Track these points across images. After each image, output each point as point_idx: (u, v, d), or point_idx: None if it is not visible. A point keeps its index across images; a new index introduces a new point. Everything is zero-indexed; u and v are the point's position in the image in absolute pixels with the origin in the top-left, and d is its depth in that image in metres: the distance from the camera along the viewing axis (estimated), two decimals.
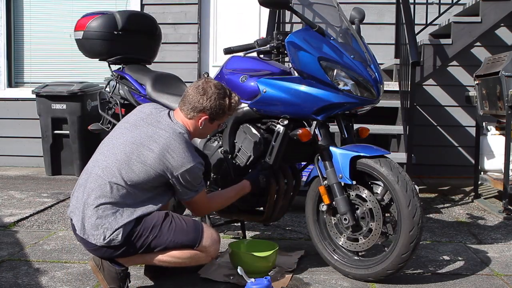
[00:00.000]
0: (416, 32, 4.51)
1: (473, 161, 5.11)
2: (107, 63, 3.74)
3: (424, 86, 5.74)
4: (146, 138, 2.57)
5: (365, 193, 2.77)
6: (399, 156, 4.25)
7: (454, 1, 5.23)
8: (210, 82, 2.69)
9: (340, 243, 2.90)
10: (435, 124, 5.85)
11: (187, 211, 3.68)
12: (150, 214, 2.55)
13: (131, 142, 2.57)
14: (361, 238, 2.81)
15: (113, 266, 2.55)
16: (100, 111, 3.71)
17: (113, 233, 2.47)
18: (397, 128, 4.65)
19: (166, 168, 2.53)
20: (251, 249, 2.95)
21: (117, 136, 2.66)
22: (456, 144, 5.84)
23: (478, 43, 5.60)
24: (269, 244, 2.99)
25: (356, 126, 3.02)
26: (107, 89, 3.68)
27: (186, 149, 2.55)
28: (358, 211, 2.78)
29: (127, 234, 2.49)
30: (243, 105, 3.00)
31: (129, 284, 2.63)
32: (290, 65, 2.91)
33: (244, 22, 6.05)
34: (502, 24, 5.57)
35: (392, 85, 4.91)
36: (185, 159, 2.53)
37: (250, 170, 3.00)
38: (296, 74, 2.86)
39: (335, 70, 2.77)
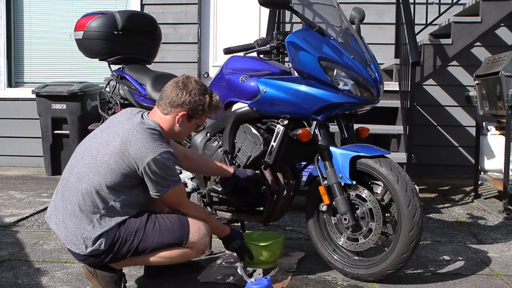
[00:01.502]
0: (416, 32, 4.51)
1: (473, 161, 5.11)
2: (107, 63, 3.74)
3: (424, 86, 5.74)
4: (110, 136, 2.46)
5: (365, 193, 2.77)
6: (399, 156, 4.25)
7: (454, 1, 5.23)
8: (190, 78, 2.58)
9: (340, 243, 2.90)
10: (435, 124, 5.85)
11: None
12: (130, 218, 2.48)
13: (98, 143, 2.49)
14: (361, 238, 2.81)
15: (105, 271, 2.53)
16: (100, 111, 3.71)
17: (94, 242, 2.42)
18: (397, 128, 4.65)
19: (129, 162, 2.40)
20: (258, 240, 2.93)
21: (89, 139, 2.58)
22: (456, 144, 5.84)
23: (478, 43, 5.60)
24: (277, 236, 2.97)
25: (356, 126, 3.02)
26: (107, 89, 3.68)
27: (148, 139, 2.40)
28: (358, 211, 2.78)
29: (110, 241, 2.43)
30: (243, 105, 3.00)
31: (126, 285, 2.62)
32: (290, 65, 2.91)
33: (244, 22, 6.05)
34: (502, 24, 5.57)
35: (392, 85, 4.91)
36: (148, 149, 2.39)
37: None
38: (296, 74, 2.86)
39: (335, 70, 2.77)
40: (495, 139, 4.64)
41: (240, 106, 3.01)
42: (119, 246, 2.46)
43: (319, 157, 2.86)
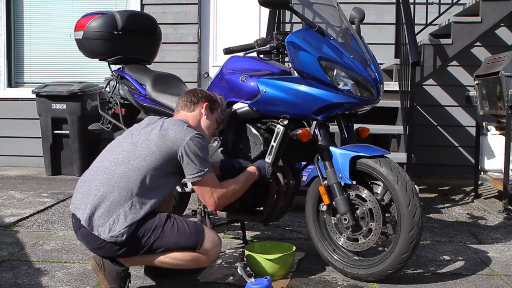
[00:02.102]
0: (416, 32, 4.51)
1: (473, 161, 5.11)
2: (107, 63, 3.74)
3: (424, 86, 5.74)
4: (148, 129, 2.65)
5: (365, 193, 2.77)
6: (399, 156, 4.25)
7: (454, 1, 5.23)
8: (193, 88, 2.92)
9: (340, 243, 2.90)
10: (435, 124, 5.85)
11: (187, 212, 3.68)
12: (154, 212, 2.55)
13: (136, 135, 2.65)
14: (361, 238, 2.81)
15: (113, 265, 2.55)
16: (100, 111, 3.71)
17: (119, 230, 2.47)
18: (397, 128, 4.65)
19: (170, 144, 2.55)
20: (268, 251, 2.94)
21: (124, 135, 2.73)
22: (456, 144, 5.84)
23: (478, 43, 5.60)
24: (288, 247, 2.97)
25: (356, 126, 3.02)
26: (107, 89, 3.68)
27: (183, 125, 2.63)
28: (358, 211, 2.78)
29: (131, 233, 2.49)
30: (243, 105, 3.00)
31: (129, 284, 2.63)
32: (290, 65, 2.91)
33: (244, 22, 6.05)
34: (502, 24, 5.57)
35: (392, 85, 4.91)
36: (186, 131, 2.59)
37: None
38: (296, 74, 2.86)
39: (335, 70, 2.77)
40: (495, 139, 4.64)
41: (240, 106, 3.01)
42: (136, 240, 2.51)
43: (319, 157, 2.86)
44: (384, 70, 5.24)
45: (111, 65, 3.74)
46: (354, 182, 2.77)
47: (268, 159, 2.90)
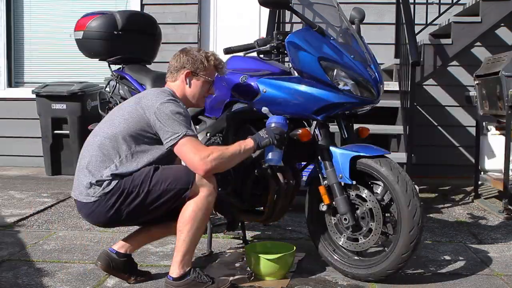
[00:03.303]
0: (416, 32, 4.51)
1: (473, 161, 5.11)
2: (107, 63, 3.74)
3: (424, 86, 5.74)
4: (127, 101, 2.73)
5: (365, 193, 2.77)
6: (399, 156, 4.25)
7: (454, 1, 5.23)
8: (187, 48, 2.80)
9: (340, 243, 2.90)
10: (435, 124, 5.85)
11: None
12: (135, 172, 2.54)
13: (117, 108, 2.72)
14: (361, 238, 2.81)
15: (185, 280, 2.56)
16: (100, 111, 3.71)
17: (100, 184, 2.50)
18: (397, 128, 4.65)
19: (141, 111, 2.55)
20: (268, 251, 2.93)
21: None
22: (456, 144, 5.84)
23: (478, 43, 5.60)
24: (288, 247, 2.97)
25: (356, 126, 3.02)
26: (107, 89, 3.68)
27: (159, 93, 2.61)
28: (358, 211, 2.78)
29: (114, 186, 2.50)
30: (243, 105, 3.00)
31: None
32: (290, 65, 2.91)
33: (244, 22, 6.05)
34: (502, 24, 5.57)
35: (392, 85, 4.90)
36: (159, 97, 2.57)
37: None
38: (296, 74, 2.86)
39: (335, 70, 2.77)
40: (495, 139, 4.64)
41: (240, 106, 3.01)
42: (126, 196, 2.50)
43: (319, 157, 2.86)
44: (384, 70, 5.24)
45: (111, 65, 3.73)
46: (354, 182, 2.77)
47: None
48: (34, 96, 5.73)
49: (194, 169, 2.50)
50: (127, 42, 3.63)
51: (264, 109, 2.79)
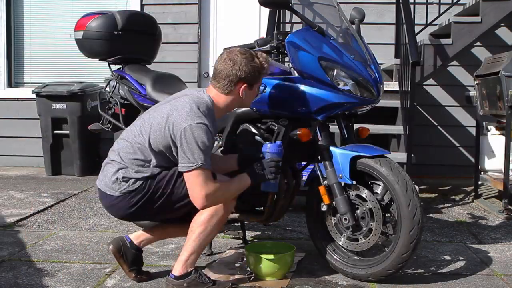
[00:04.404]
0: (416, 32, 4.51)
1: (473, 161, 5.11)
2: (107, 63, 3.74)
3: (424, 86, 5.74)
4: (164, 104, 2.65)
5: (365, 193, 2.77)
6: (399, 156, 4.25)
7: (454, 1, 5.23)
8: (233, 51, 2.65)
9: (340, 243, 2.90)
10: (435, 124, 5.85)
11: None
12: (160, 173, 2.60)
13: (153, 109, 2.70)
14: (361, 238, 2.81)
15: (186, 279, 2.58)
16: (100, 111, 3.70)
17: (126, 181, 2.57)
18: (397, 128, 4.65)
19: (169, 129, 2.52)
20: (268, 251, 2.93)
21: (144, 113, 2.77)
22: (456, 144, 5.84)
23: (478, 43, 5.60)
24: (289, 247, 2.97)
25: (356, 126, 3.02)
26: (107, 89, 3.67)
27: (193, 109, 2.51)
28: (358, 211, 2.78)
29: (141, 185, 2.56)
30: None
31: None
32: (290, 65, 2.91)
33: (244, 22, 6.05)
34: (502, 24, 5.57)
35: (392, 85, 4.90)
36: (189, 116, 2.49)
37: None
38: (296, 74, 2.86)
39: (335, 70, 2.77)
40: (495, 139, 4.64)
41: None
42: (150, 197, 2.56)
43: (319, 157, 2.86)
44: (384, 70, 5.24)
45: (111, 65, 3.73)
46: (354, 182, 2.77)
47: None
48: (34, 96, 5.73)
49: (193, 200, 2.53)
50: (127, 42, 3.63)
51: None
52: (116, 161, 2.62)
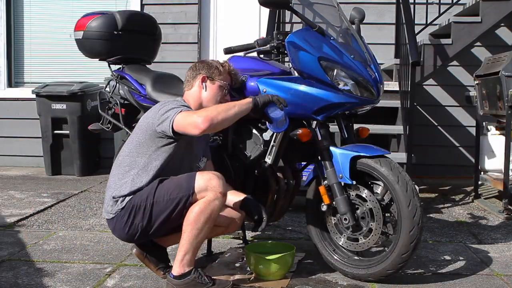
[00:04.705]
0: (416, 32, 4.50)
1: (473, 161, 5.11)
2: (107, 63, 3.74)
3: (424, 86, 5.74)
4: (142, 118, 2.75)
5: (365, 193, 2.77)
6: (399, 156, 4.25)
7: (454, 1, 5.23)
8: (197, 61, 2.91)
9: (340, 243, 2.90)
10: (435, 124, 5.85)
11: None
12: (147, 184, 2.62)
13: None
14: (361, 238, 2.81)
15: (186, 279, 2.59)
16: (100, 111, 3.70)
17: (116, 201, 2.62)
18: (397, 128, 4.65)
19: (149, 120, 2.64)
20: (268, 251, 2.93)
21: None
22: (456, 144, 5.84)
23: (478, 43, 5.60)
24: (289, 247, 2.97)
25: (356, 126, 3.02)
26: (107, 89, 3.67)
27: (164, 103, 2.67)
28: (358, 211, 2.78)
29: (128, 202, 2.60)
30: None
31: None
32: (290, 65, 2.91)
33: (244, 22, 6.05)
34: (502, 24, 5.57)
35: (392, 85, 4.90)
36: (161, 109, 2.62)
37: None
38: (296, 74, 2.86)
39: (335, 70, 2.77)
40: (495, 139, 4.64)
41: None
42: (136, 212, 2.59)
43: (319, 157, 2.86)
44: (384, 70, 5.24)
45: (111, 65, 3.73)
46: (354, 182, 2.77)
47: (268, 159, 2.90)
48: (34, 96, 5.73)
49: (196, 127, 2.51)
50: (127, 42, 3.63)
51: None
52: (111, 186, 2.69)
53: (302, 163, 3.33)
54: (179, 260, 2.58)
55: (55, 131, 5.72)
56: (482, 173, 4.75)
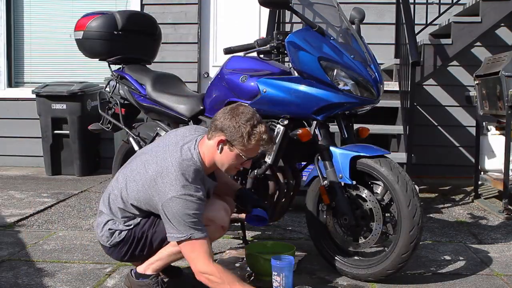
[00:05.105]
0: (416, 32, 4.50)
1: (473, 161, 5.11)
2: (107, 63, 3.74)
3: (424, 86, 5.74)
4: (152, 158, 2.45)
5: (365, 193, 2.77)
6: (399, 156, 4.25)
7: (454, 1, 5.23)
8: (241, 106, 2.47)
9: (340, 243, 2.90)
10: (435, 124, 5.85)
11: None
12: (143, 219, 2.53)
13: (142, 160, 2.50)
14: (361, 238, 2.81)
15: (141, 280, 2.55)
16: (100, 111, 3.71)
17: (116, 228, 2.51)
18: (397, 128, 4.65)
19: (154, 193, 2.38)
20: (268, 251, 2.93)
21: (137, 155, 2.65)
22: (456, 144, 5.84)
23: (478, 43, 5.60)
24: (289, 247, 2.97)
25: (356, 126, 3.02)
26: (107, 89, 3.68)
27: (179, 176, 2.33)
28: (358, 211, 2.78)
29: (126, 234, 2.50)
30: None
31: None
32: (290, 65, 2.91)
33: (244, 22, 6.05)
34: (502, 24, 5.57)
35: (392, 85, 4.90)
36: (173, 186, 2.32)
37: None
38: (296, 74, 2.86)
39: (335, 70, 2.77)
40: (495, 139, 4.64)
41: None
42: (137, 244, 2.51)
43: (319, 157, 2.86)
44: (384, 70, 5.24)
45: (111, 65, 3.74)
46: (354, 182, 2.77)
47: (268, 159, 2.90)
48: (34, 96, 5.73)
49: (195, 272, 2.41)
50: (127, 42, 3.63)
51: None
52: (105, 213, 2.54)
53: (302, 163, 3.33)
54: (150, 261, 2.56)
55: (55, 131, 5.72)
56: (482, 173, 4.75)
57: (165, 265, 2.57)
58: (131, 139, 3.52)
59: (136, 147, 3.45)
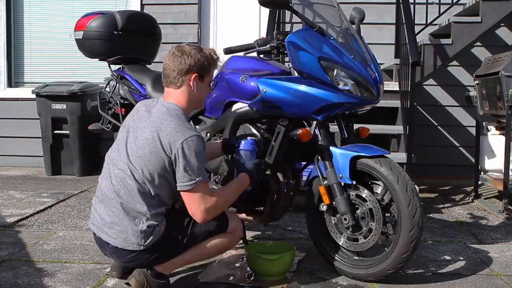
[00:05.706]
0: (416, 32, 4.51)
1: (473, 161, 5.11)
2: (107, 63, 3.74)
3: (424, 86, 5.74)
4: (141, 127, 2.52)
5: (365, 193, 2.77)
6: (399, 156, 4.25)
7: (454, 1, 5.23)
8: (181, 44, 2.62)
9: (340, 243, 2.90)
10: (435, 124, 5.85)
11: None
12: (174, 219, 2.56)
13: (132, 139, 2.54)
14: (361, 238, 2.81)
15: (157, 281, 2.54)
16: (100, 111, 3.71)
17: (147, 233, 2.46)
18: (397, 128, 4.65)
19: (162, 148, 2.43)
20: (268, 251, 2.94)
21: (121, 138, 2.63)
22: (456, 144, 5.84)
23: (478, 43, 5.60)
24: (289, 247, 2.97)
25: (356, 126, 3.02)
26: (107, 89, 3.68)
27: (177, 123, 2.46)
28: (358, 211, 2.78)
29: (160, 235, 2.49)
30: (243, 105, 3.00)
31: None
32: (290, 65, 2.91)
33: (244, 22, 6.05)
34: (502, 24, 5.57)
35: (392, 85, 4.91)
36: (179, 132, 2.43)
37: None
38: (296, 74, 2.86)
39: (335, 70, 2.77)
40: (495, 139, 4.64)
41: (240, 106, 3.01)
42: (168, 243, 2.53)
43: (319, 157, 2.86)
44: (384, 70, 5.24)
45: (111, 65, 3.74)
46: (354, 182, 2.77)
47: (268, 159, 2.90)
48: (34, 96, 5.73)
49: (193, 215, 2.51)
50: (127, 42, 3.64)
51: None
52: (123, 219, 2.48)
53: (302, 163, 3.33)
54: (174, 262, 2.59)
55: (55, 131, 5.72)
56: (482, 173, 4.75)
57: (183, 265, 2.69)
58: None
59: None
